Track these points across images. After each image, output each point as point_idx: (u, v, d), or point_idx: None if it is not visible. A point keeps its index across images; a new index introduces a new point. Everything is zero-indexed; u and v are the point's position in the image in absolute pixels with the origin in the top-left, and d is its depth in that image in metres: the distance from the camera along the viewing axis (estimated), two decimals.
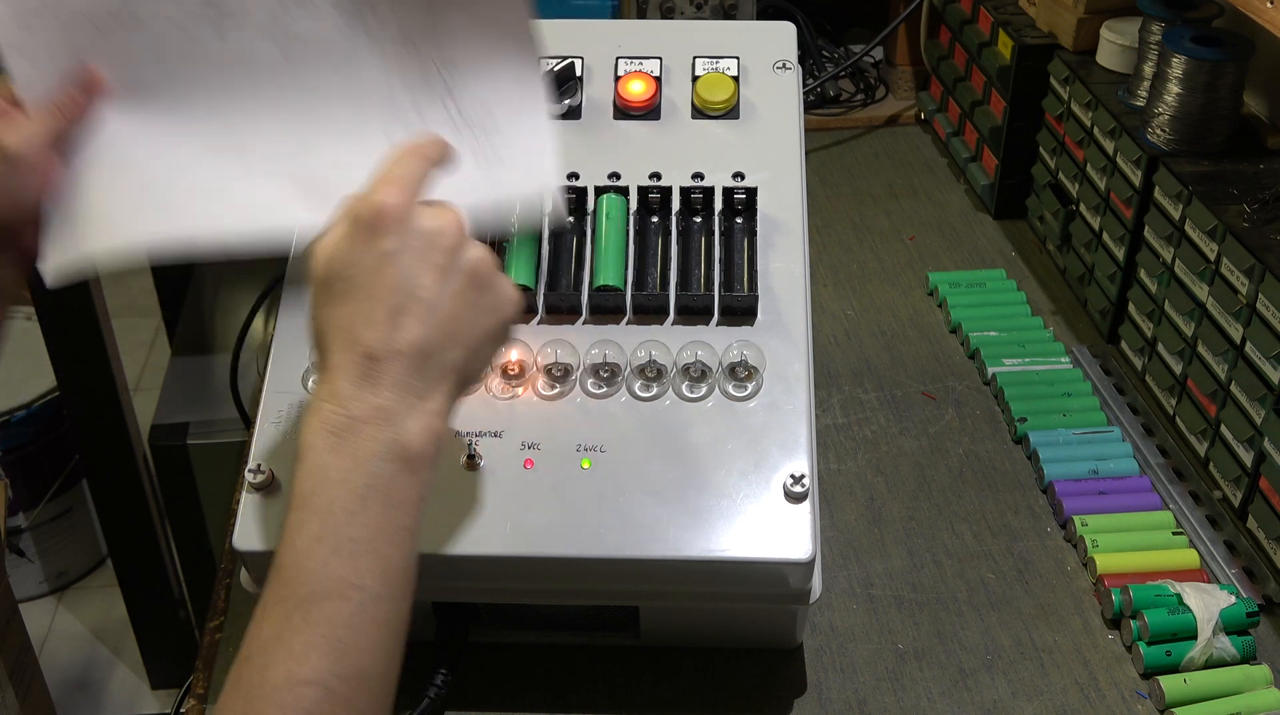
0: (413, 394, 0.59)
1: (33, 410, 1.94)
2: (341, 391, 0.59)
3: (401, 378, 0.59)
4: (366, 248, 0.60)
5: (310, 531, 0.57)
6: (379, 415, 0.58)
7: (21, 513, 1.99)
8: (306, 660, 0.55)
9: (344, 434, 0.58)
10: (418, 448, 0.59)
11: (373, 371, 0.59)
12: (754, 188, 0.81)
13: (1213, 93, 0.97)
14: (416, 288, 0.60)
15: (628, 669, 0.80)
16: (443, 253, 0.61)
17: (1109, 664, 0.81)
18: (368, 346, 0.59)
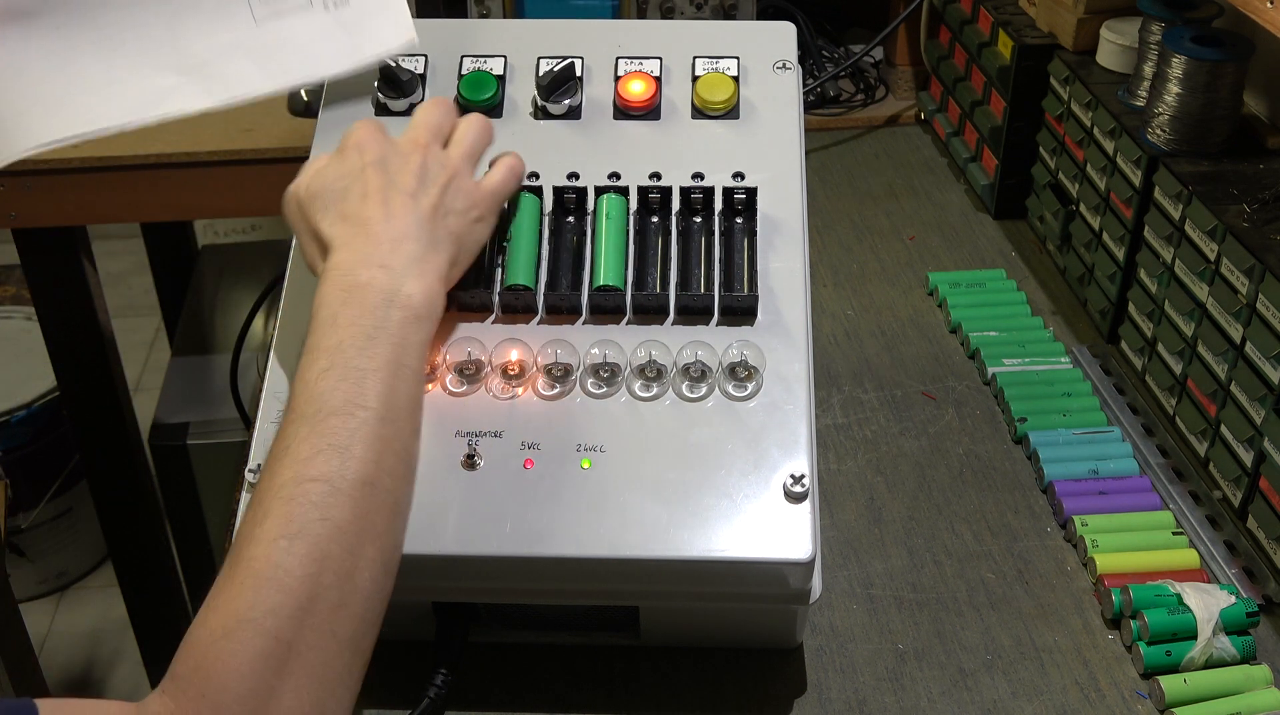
0: (411, 259, 0.68)
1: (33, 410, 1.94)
2: (349, 260, 0.67)
3: (401, 246, 0.68)
4: (354, 162, 0.71)
5: (320, 365, 0.63)
6: (383, 273, 0.67)
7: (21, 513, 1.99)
8: (313, 462, 0.60)
9: (353, 291, 0.66)
10: (418, 303, 0.67)
11: (376, 242, 0.68)
12: (754, 188, 0.81)
13: (1213, 93, 0.97)
14: (401, 186, 0.70)
15: (628, 669, 0.80)
16: (418, 164, 0.72)
17: (1109, 664, 0.81)
18: (368, 221, 0.68)
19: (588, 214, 0.81)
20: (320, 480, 0.60)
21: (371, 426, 0.62)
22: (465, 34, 0.90)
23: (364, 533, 0.61)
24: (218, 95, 0.79)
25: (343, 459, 0.61)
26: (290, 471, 0.60)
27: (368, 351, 0.64)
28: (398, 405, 0.64)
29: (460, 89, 0.86)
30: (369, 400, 0.63)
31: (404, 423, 0.65)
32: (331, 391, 0.62)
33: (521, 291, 0.78)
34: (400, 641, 0.81)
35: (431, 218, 0.70)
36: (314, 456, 0.61)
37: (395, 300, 0.66)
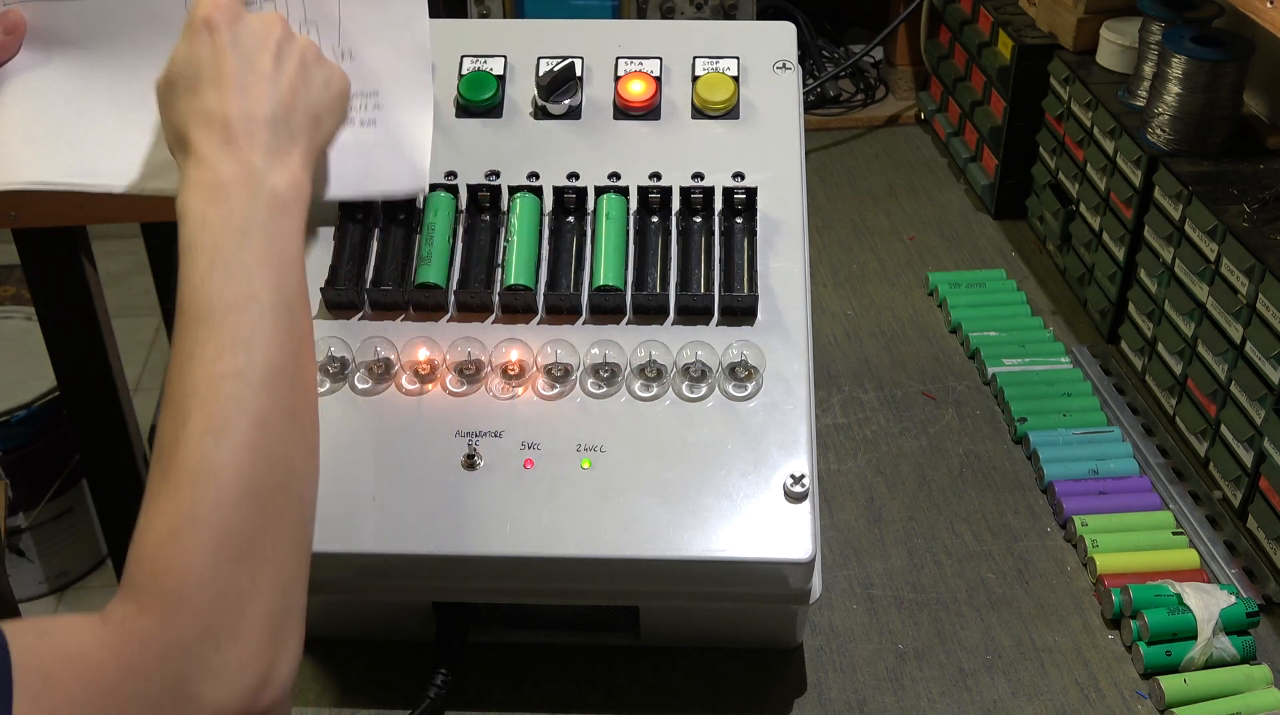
0: (272, 151, 0.67)
1: (33, 410, 1.94)
2: (209, 159, 0.65)
3: (259, 138, 0.66)
4: (205, 44, 0.68)
5: (201, 267, 0.63)
6: (246, 169, 0.65)
7: (21, 513, 1.99)
8: (220, 359, 0.61)
9: (217, 189, 0.65)
10: (285, 193, 0.66)
11: (234, 137, 0.66)
12: (754, 188, 0.81)
13: (1213, 93, 0.97)
14: (256, 67, 0.68)
15: (628, 669, 0.80)
16: (273, 41, 0.69)
17: (1109, 664, 0.81)
18: (225, 117, 0.66)
19: (588, 214, 0.81)
20: (231, 375, 0.60)
21: (269, 317, 0.63)
22: (465, 34, 0.90)
23: (285, 417, 0.62)
24: None
25: (248, 352, 0.61)
26: (200, 371, 0.61)
27: (245, 246, 0.64)
28: (288, 292, 0.64)
29: (460, 89, 0.86)
30: (259, 292, 0.63)
31: (297, 308, 0.65)
32: (221, 289, 0.63)
33: (521, 291, 0.78)
34: (400, 641, 0.81)
35: (290, 98, 0.69)
36: (219, 354, 0.61)
37: (261, 194, 0.65)
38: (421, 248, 0.79)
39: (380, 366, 0.76)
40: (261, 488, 0.59)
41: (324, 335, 0.77)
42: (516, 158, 0.84)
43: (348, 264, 0.80)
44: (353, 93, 0.75)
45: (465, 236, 0.81)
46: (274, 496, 0.60)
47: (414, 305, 0.79)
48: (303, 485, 0.62)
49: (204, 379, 0.60)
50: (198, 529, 0.57)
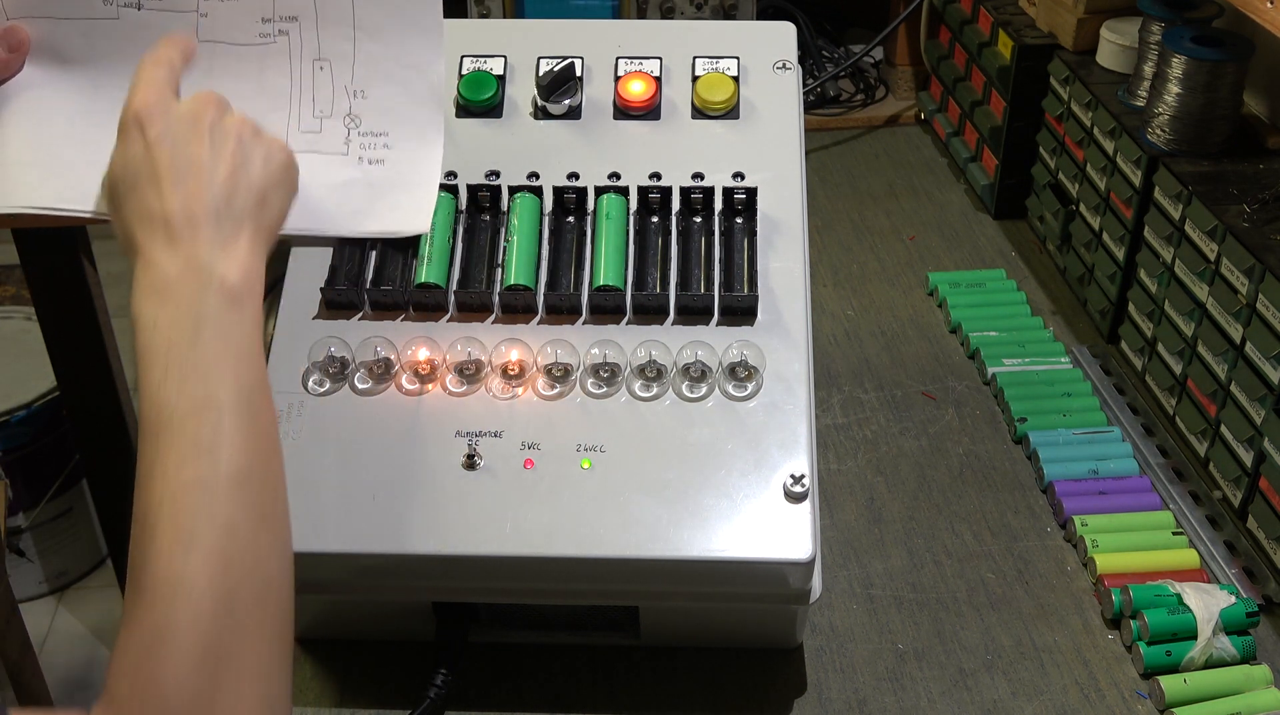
0: (216, 241, 0.65)
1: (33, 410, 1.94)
2: (155, 259, 0.64)
3: (202, 230, 0.65)
4: (138, 142, 0.67)
5: (156, 374, 0.62)
6: (191, 264, 0.64)
7: (21, 513, 1.99)
8: (182, 470, 0.59)
9: (165, 289, 0.63)
10: (235, 283, 0.64)
11: (176, 233, 0.64)
12: (754, 188, 0.81)
13: (1213, 93, 0.97)
14: (191, 158, 0.66)
15: (628, 669, 0.80)
16: (205, 126, 0.67)
17: (1109, 664, 0.81)
18: (165, 214, 0.65)
19: (588, 214, 0.81)
20: (196, 484, 0.59)
21: (229, 418, 0.61)
22: (465, 34, 0.90)
23: (255, 523, 0.60)
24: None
25: (211, 458, 0.60)
26: (163, 482, 0.59)
27: (198, 347, 0.62)
28: (248, 389, 0.63)
29: (460, 89, 0.86)
30: (218, 393, 0.62)
31: (258, 404, 0.64)
32: (177, 395, 0.61)
33: (521, 291, 0.78)
34: (400, 641, 0.81)
35: (230, 183, 0.67)
36: (182, 464, 0.60)
37: (209, 287, 0.63)
38: (421, 247, 0.79)
39: (380, 366, 0.76)
40: (236, 598, 0.58)
41: (324, 335, 0.77)
42: (516, 158, 0.84)
43: (348, 264, 0.79)
44: (362, 131, 0.74)
45: (465, 236, 0.81)
46: (251, 605, 0.59)
47: (414, 305, 0.79)
48: (280, 590, 0.61)
49: (168, 491, 0.59)
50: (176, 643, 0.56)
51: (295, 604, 0.62)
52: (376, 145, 0.76)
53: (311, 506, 0.71)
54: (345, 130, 0.76)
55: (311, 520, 0.71)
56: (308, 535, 0.70)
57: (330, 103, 0.76)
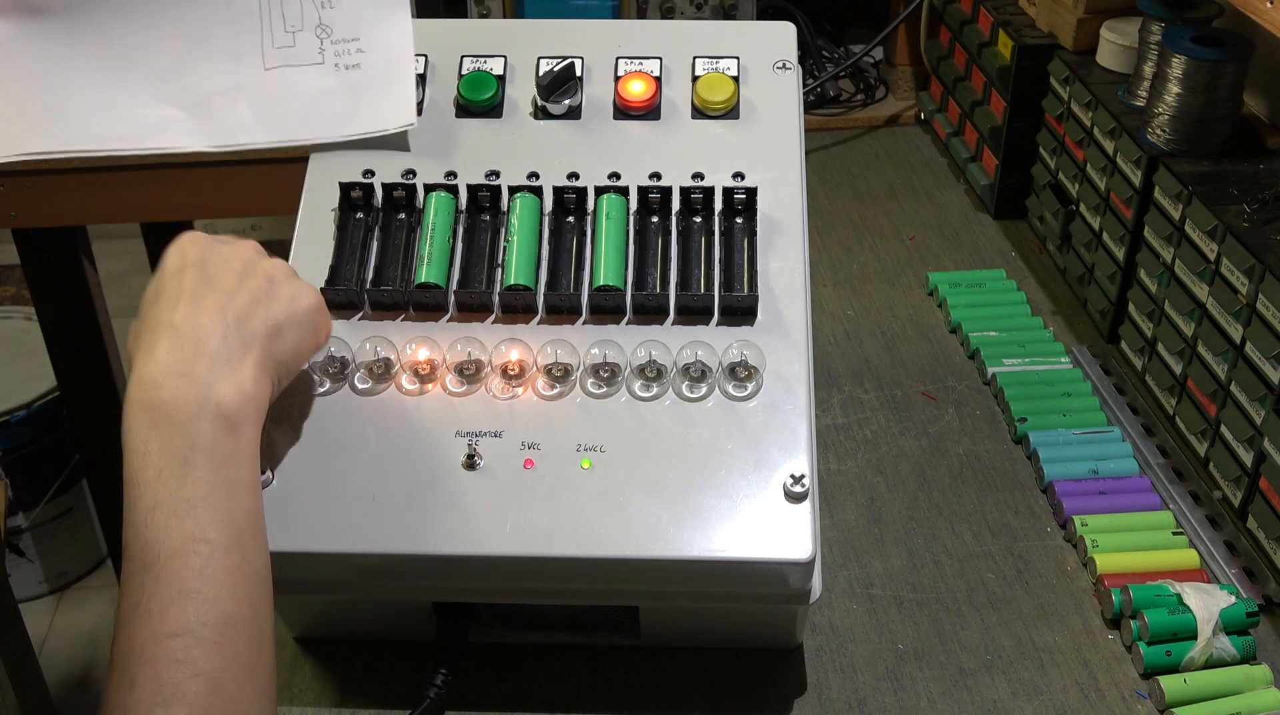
0: (216, 359, 0.62)
1: (33, 410, 1.94)
2: (149, 374, 0.61)
3: (206, 346, 0.63)
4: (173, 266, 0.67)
5: (145, 504, 0.58)
6: (189, 382, 0.61)
7: (21, 513, 1.99)
8: (166, 616, 0.56)
9: (159, 409, 0.60)
10: (231, 407, 0.62)
11: (178, 344, 0.62)
12: (754, 188, 0.81)
13: (1213, 93, 0.97)
14: (216, 283, 0.66)
15: (628, 669, 0.80)
16: (240, 262, 0.68)
17: (1109, 664, 0.81)
18: (172, 324, 0.63)
19: (588, 214, 0.81)
20: (179, 634, 0.56)
21: (217, 560, 0.58)
22: (465, 34, 0.90)
23: (241, 674, 0.57)
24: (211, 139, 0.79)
25: (197, 604, 0.56)
26: (146, 630, 0.56)
27: (189, 478, 0.59)
28: (238, 526, 0.60)
29: (460, 89, 0.86)
30: (207, 531, 0.58)
31: (249, 543, 0.60)
32: (164, 531, 0.58)
33: (521, 291, 0.78)
34: (400, 641, 0.81)
35: (247, 312, 0.65)
36: (166, 609, 0.56)
37: (204, 411, 0.60)
38: (421, 248, 0.79)
39: (380, 366, 0.76)
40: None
41: None
42: (516, 158, 0.84)
43: (348, 264, 0.80)
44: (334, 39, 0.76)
45: (465, 236, 0.81)
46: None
47: (414, 305, 0.79)
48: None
49: (150, 639, 0.56)
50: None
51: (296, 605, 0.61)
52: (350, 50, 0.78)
53: (311, 506, 0.71)
54: (318, 40, 0.78)
55: (311, 520, 0.71)
56: (308, 535, 0.70)
57: (300, 16, 0.78)
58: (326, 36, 0.78)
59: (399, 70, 0.80)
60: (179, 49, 0.78)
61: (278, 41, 0.79)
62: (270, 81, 0.79)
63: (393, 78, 0.79)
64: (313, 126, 0.79)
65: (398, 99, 0.79)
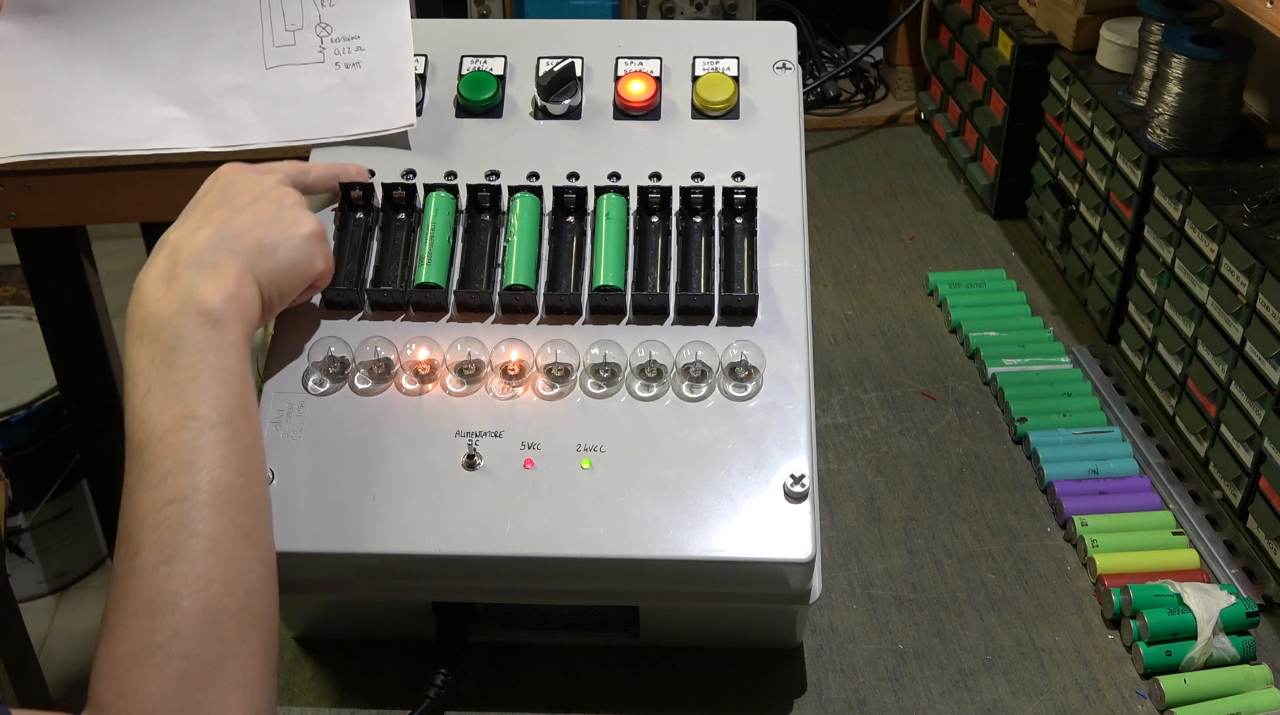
0: (203, 265, 0.67)
1: (33, 410, 1.94)
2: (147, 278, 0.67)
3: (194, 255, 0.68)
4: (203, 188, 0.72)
5: (140, 390, 0.64)
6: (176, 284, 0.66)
7: (21, 513, 1.99)
8: (164, 485, 0.61)
9: (149, 306, 0.66)
10: (213, 304, 0.66)
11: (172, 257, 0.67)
12: (754, 188, 0.81)
13: (1213, 93, 0.97)
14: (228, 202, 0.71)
15: (628, 669, 0.80)
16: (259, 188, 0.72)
17: (1109, 664, 0.81)
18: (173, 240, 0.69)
19: (588, 214, 0.81)
20: (177, 500, 0.60)
21: (208, 434, 0.62)
22: (465, 34, 0.90)
23: (237, 537, 0.61)
24: (214, 138, 0.80)
25: (191, 473, 0.61)
26: (147, 500, 0.61)
27: (177, 365, 0.64)
28: (228, 407, 0.64)
29: (460, 89, 0.86)
30: (197, 410, 0.63)
31: (239, 422, 0.64)
32: (159, 411, 0.63)
33: (521, 291, 0.78)
34: (400, 641, 0.81)
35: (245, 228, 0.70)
36: (164, 479, 0.61)
37: (189, 307, 0.65)
38: (421, 248, 0.79)
39: (380, 366, 0.76)
40: (220, 612, 0.59)
41: (324, 335, 0.77)
42: (516, 158, 0.84)
43: (348, 264, 0.79)
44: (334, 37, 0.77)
45: (465, 236, 0.81)
46: (234, 619, 0.59)
47: (414, 305, 0.79)
48: (263, 604, 0.62)
49: (151, 506, 0.60)
50: (160, 656, 0.57)
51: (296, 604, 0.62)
52: (350, 49, 0.79)
53: (311, 506, 0.71)
54: (318, 39, 0.79)
55: (312, 520, 0.71)
56: (308, 535, 0.70)
57: (300, 15, 0.79)
58: (327, 35, 0.79)
59: (399, 69, 0.80)
60: (181, 49, 0.78)
61: (278, 40, 0.79)
62: (271, 81, 0.79)
63: (393, 77, 0.80)
64: (314, 126, 0.79)
65: (398, 98, 0.80)
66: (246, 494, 0.63)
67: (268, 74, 0.79)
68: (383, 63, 0.80)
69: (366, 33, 0.80)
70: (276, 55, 0.79)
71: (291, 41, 0.79)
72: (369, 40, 0.80)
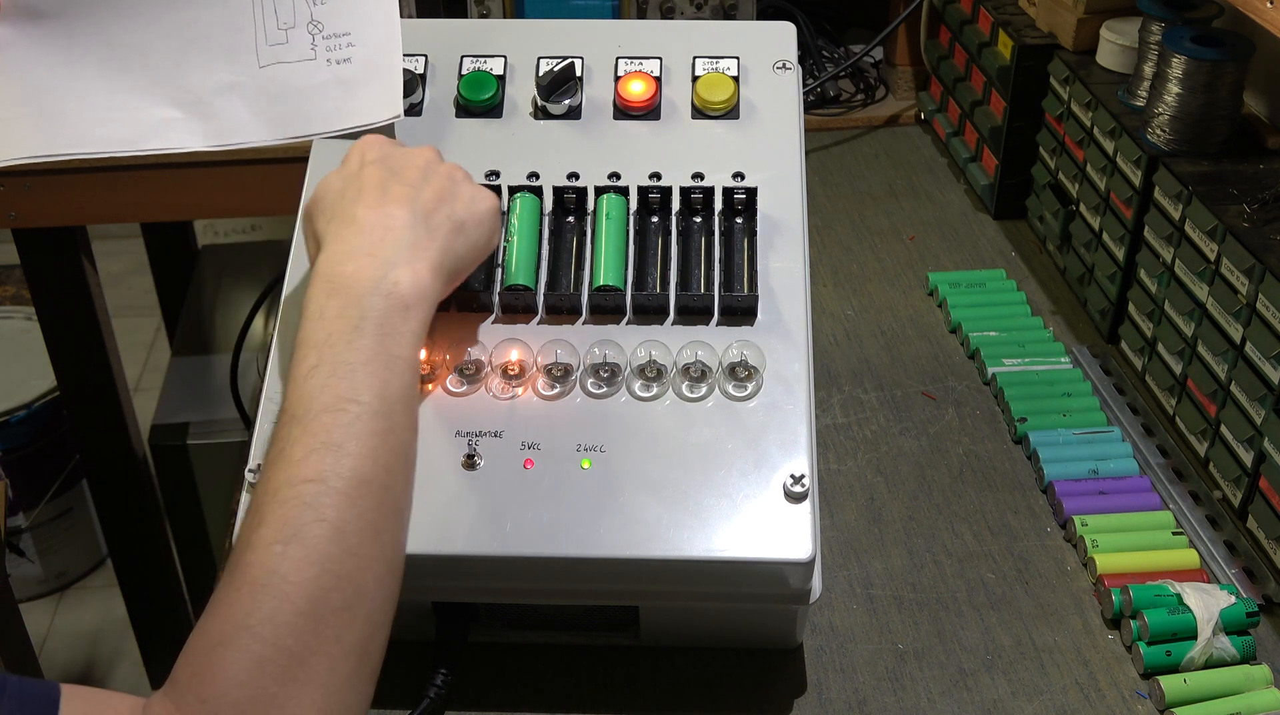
0: (400, 245, 0.66)
1: (33, 410, 1.94)
2: (337, 252, 0.66)
3: (388, 234, 0.67)
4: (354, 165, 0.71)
5: (309, 362, 0.62)
6: (370, 263, 0.65)
7: (21, 513, 1.99)
8: (305, 463, 0.59)
9: (339, 282, 0.65)
10: (406, 291, 0.65)
11: (365, 229, 0.67)
12: (754, 188, 0.81)
13: (1213, 93, 0.97)
14: (401, 177, 0.70)
15: (628, 669, 0.80)
16: (423, 160, 0.72)
17: (1109, 664, 0.81)
18: (359, 216, 0.67)
19: (588, 214, 0.81)
20: (314, 480, 0.58)
21: (365, 421, 0.60)
22: (465, 34, 0.90)
23: (364, 532, 0.59)
24: (210, 138, 0.81)
25: (336, 457, 0.59)
26: (284, 474, 0.59)
27: (355, 344, 0.62)
28: (391, 398, 0.62)
29: (460, 89, 0.86)
30: (361, 394, 0.61)
31: (399, 416, 0.63)
32: (322, 388, 0.61)
33: (521, 291, 0.78)
34: (400, 641, 0.81)
35: (432, 206, 0.69)
36: (307, 456, 0.59)
37: (380, 288, 0.64)
38: None
39: None
40: (322, 606, 0.56)
41: None
42: (516, 158, 0.84)
43: None
44: (325, 35, 0.77)
45: None
46: (335, 616, 0.57)
47: None
48: (371, 608, 0.59)
49: (286, 481, 0.58)
50: (247, 640, 0.55)
51: None
52: (341, 45, 0.80)
53: None
54: (310, 37, 0.80)
55: None
56: None
57: (292, 13, 0.80)
58: (318, 32, 0.79)
59: (387, 64, 0.81)
60: (176, 49, 0.79)
61: (271, 39, 0.80)
62: (265, 79, 0.80)
63: (381, 71, 0.81)
64: (308, 122, 0.80)
65: (385, 92, 0.80)
66: (387, 491, 0.61)
67: (261, 72, 0.80)
68: (372, 58, 0.81)
69: (356, 29, 0.81)
70: (269, 54, 0.80)
71: (284, 40, 0.80)
72: (359, 37, 0.81)
